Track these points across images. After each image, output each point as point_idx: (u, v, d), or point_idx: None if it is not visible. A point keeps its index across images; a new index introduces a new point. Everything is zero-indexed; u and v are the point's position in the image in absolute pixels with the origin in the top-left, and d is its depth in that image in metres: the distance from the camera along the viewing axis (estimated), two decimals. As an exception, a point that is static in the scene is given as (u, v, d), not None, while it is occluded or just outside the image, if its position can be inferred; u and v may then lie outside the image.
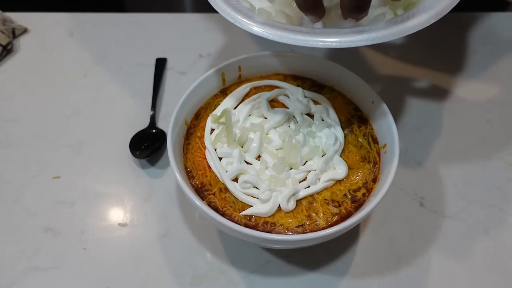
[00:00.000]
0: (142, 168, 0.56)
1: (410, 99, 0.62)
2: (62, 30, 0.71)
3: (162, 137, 0.57)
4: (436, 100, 0.63)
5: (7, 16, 0.70)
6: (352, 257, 0.49)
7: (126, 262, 0.48)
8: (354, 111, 0.50)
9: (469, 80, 0.65)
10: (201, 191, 0.44)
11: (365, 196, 0.44)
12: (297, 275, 0.48)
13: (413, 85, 0.64)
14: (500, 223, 0.51)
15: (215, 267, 0.48)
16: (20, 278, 0.47)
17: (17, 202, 0.53)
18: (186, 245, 0.50)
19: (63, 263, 0.48)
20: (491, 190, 0.54)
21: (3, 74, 0.66)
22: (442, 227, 0.51)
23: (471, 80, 0.65)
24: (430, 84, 0.65)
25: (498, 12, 0.74)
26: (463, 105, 0.62)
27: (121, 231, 0.51)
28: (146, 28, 0.72)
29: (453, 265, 0.48)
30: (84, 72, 0.66)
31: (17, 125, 0.60)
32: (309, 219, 0.42)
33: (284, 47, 0.55)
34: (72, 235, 0.50)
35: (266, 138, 0.46)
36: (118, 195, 0.53)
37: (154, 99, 0.61)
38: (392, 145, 0.44)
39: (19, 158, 0.56)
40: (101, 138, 0.59)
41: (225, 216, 0.41)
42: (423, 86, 0.64)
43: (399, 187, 0.54)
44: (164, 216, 0.52)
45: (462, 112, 0.62)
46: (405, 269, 0.48)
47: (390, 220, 0.51)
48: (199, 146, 0.47)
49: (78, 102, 0.62)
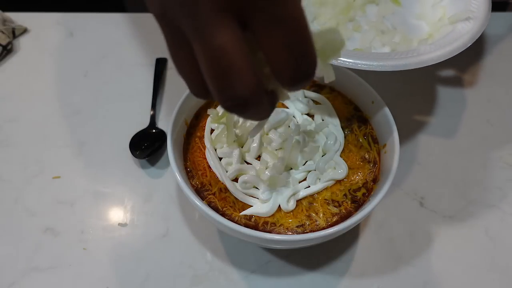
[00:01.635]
0: (142, 168, 0.56)
1: (410, 99, 0.62)
2: (62, 30, 0.71)
3: (162, 137, 0.57)
4: (436, 100, 0.63)
5: (7, 16, 0.70)
6: (352, 257, 0.49)
7: (126, 262, 0.48)
8: (354, 111, 0.50)
9: (468, 80, 0.65)
10: (201, 191, 0.44)
11: (365, 196, 0.44)
12: (297, 275, 0.48)
13: (413, 85, 0.64)
14: (500, 223, 0.51)
15: (215, 267, 0.48)
16: (20, 278, 0.47)
17: (17, 202, 0.53)
18: (186, 245, 0.50)
19: (63, 263, 0.48)
20: (491, 190, 0.54)
21: (3, 74, 0.66)
22: (442, 227, 0.51)
23: (470, 80, 0.65)
24: (430, 84, 0.65)
25: (498, 12, 0.74)
26: (463, 105, 0.62)
27: (121, 231, 0.51)
28: (146, 28, 0.72)
29: (453, 265, 0.48)
30: (84, 72, 0.66)
31: (17, 125, 0.60)
32: (309, 219, 0.42)
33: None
34: (72, 235, 0.50)
35: (266, 138, 0.46)
36: (118, 195, 0.53)
37: (154, 99, 0.61)
38: (392, 145, 0.44)
39: (19, 158, 0.56)
40: (101, 138, 0.59)
41: (225, 216, 0.41)
42: (423, 86, 0.64)
43: (399, 187, 0.54)
44: (164, 216, 0.52)
45: (462, 112, 0.62)
46: (405, 269, 0.48)
47: (390, 220, 0.51)
48: (199, 146, 0.47)
49: (78, 102, 0.62)
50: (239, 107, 0.25)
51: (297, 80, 0.25)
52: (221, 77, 0.24)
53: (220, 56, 0.23)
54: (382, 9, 0.60)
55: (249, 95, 0.24)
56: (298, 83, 0.26)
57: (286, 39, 0.23)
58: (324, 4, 0.59)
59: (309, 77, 0.26)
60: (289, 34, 0.23)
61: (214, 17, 0.23)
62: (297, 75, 0.25)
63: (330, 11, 0.57)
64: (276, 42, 0.23)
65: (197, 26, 0.23)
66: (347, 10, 0.58)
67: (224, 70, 0.23)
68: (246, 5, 0.23)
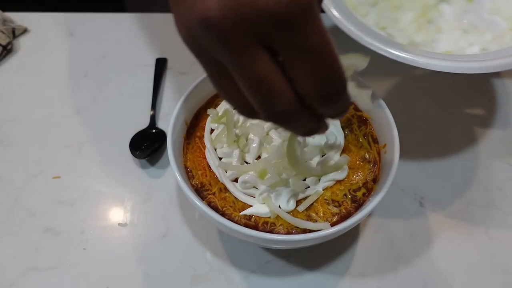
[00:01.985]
0: (142, 168, 0.56)
1: (410, 99, 0.62)
2: (62, 30, 0.71)
3: (162, 137, 0.57)
4: (436, 100, 0.63)
5: (7, 16, 0.70)
6: (352, 257, 0.49)
7: (126, 262, 0.48)
8: (354, 111, 0.50)
9: (468, 80, 0.65)
10: (201, 191, 0.44)
11: (365, 196, 0.44)
12: (297, 275, 0.48)
13: (413, 85, 0.64)
14: (500, 223, 0.51)
15: (215, 267, 0.48)
16: (20, 278, 0.47)
17: (17, 202, 0.53)
18: (186, 245, 0.50)
19: (63, 263, 0.48)
20: (491, 190, 0.54)
21: (3, 74, 0.66)
22: (442, 227, 0.51)
23: (470, 80, 0.65)
24: (430, 84, 0.65)
25: None
26: (463, 105, 0.62)
27: (121, 231, 0.51)
28: (146, 28, 0.72)
29: (453, 265, 0.48)
30: (84, 72, 0.66)
31: (17, 125, 0.60)
32: (309, 219, 0.42)
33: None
34: (72, 235, 0.50)
35: (266, 138, 0.46)
36: (118, 195, 0.53)
37: (154, 99, 0.61)
38: (392, 145, 0.44)
39: (19, 158, 0.56)
40: (101, 138, 0.59)
41: (225, 216, 0.41)
42: (423, 86, 0.64)
43: (399, 187, 0.54)
44: (164, 216, 0.52)
45: (462, 112, 0.62)
46: (405, 269, 0.48)
47: (390, 220, 0.51)
48: (199, 146, 0.47)
49: (78, 102, 0.62)
50: (283, 119, 0.29)
51: (325, 100, 0.28)
52: (262, 100, 0.27)
53: (260, 84, 0.26)
54: (456, 8, 0.58)
55: (289, 109, 0.28)
56: (326, 104, 0.28)
57: (311, 68, 0.26)
58: (400, 8, 0.57)
59: (337, 97, 0.28)
60: (314, 63, 0.26)
61: (246, 50, 0.25)
62: (324, 98, 0.27)
63: (409, 15, 0.56)
64: (302, 71, 0.26)
65: (233, 60, 0.26)
66: (426, 12, 0.57)
67: (264, 95, 0.27)
68: (273, 38, 0.25)
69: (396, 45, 0.47)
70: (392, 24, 0.54)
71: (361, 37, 0.47)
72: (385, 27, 0.53)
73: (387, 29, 0.53)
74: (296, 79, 0.27)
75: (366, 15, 0.54)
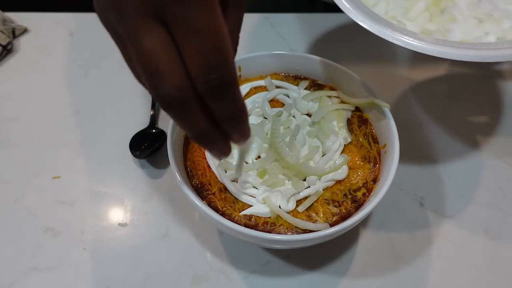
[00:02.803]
0: (142, 168, 0.56)
1: (410, 99, 0.62)
2: (62, 30, 0.71)
3: (162, 137, 0.57)
4: (436, 100, 0.63)
5: (7, 16, 0.70)
6: (352, 257, 0.49)
7: (126, 262, 0.48)
8: (354, 111, 0.50)
9: (468, 80, 0.65)
10: (201, 191, 0.44)
11: (365, 196, 0.44)
12: (297, 275, 0.48)
13: (413, 85, 0.64)
14: (500, 223, 0.51)
15: (215, 267, 0.48)
16: (20, 278, 0.47)
17: (17, 202, 0.53)
18: (186, 245, 0.50)
19: (63, 263, 0.48)
20: (491, 190, 0.54)
21: (3, 74, 0.66)
22: (442, 227, 0.51)
23: (470, 79, 0.65)
24: (430, 84, 0.65)
25: None
26: (463, 105, 0.62)
27: (121, 231, 0.51)
28: (146, 28, 0.71)
29: (453, 265, 0.48)
30: (84, 72, 0.66)
31: (17, 125, 0.60)
32: (309, 219, 0.42)
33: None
34: (72, 235, 0.50)
35: (266, 138, 0.46)
36: (118, 195, 0.53)
37: (154, 99, 0.61)
38: (392, 145, 0.44)
39: (19, 158, 0.56)
40: (101, 138, 0.59)
41: (225, 216, 0.41)
42: (423, 86, 0.64)
43: (399, 187, 0.54)
44: (164, 216, 0.52)
45: (462, 112, 0.61)
46: (405, 269, 0.48)
47: (390, 220, 0.51)
48: (198, 146, 0.47)
49: (78, 102, 0.62)
50: (170, 107, 0.27)
51: (212, 90, 0.26)
52: (150, 77, 0.25)
53: (147, 59, 0.25)
54: None
55: (176, 94, 0.26)
56: (213, 96, 0.26)
57: (197, 47, 0.25)
58: None
59: (224, 88, 0.26)
60: (203, 43, 0.24)
61: (139, 22, 0.24)
62: (209, 81, 0.26)
63: (421, 4, 0.54)
64: (188, 48, 0.25)
65: (127, 31, 0.25)
66: (438, 0, 0.54)
67: (152, 71, 0.25)
68: (166, 13, 0.24)
69: (409, 33, 0.45)
70: (402, 14, 0.53)
71: (372, 25, 0.46)
72: (395, 17, 0.51)
73: (398, 18, 0.52)
74: (184, 58, 0.25)
75: (376, 5, 0.53)
